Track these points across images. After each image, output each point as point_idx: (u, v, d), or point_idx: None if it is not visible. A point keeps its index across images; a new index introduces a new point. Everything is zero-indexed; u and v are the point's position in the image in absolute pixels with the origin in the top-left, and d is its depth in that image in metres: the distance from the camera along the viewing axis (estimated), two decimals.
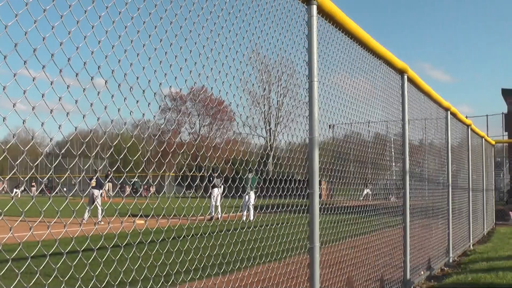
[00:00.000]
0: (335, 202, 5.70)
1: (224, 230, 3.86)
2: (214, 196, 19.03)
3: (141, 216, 3.13)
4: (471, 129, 13.88)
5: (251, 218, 18.39)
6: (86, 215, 17.84)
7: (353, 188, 6.38)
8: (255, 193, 18.34)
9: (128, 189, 49.12)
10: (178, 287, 3.80)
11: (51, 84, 2.50)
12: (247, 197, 18.29)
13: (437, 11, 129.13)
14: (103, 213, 17.61)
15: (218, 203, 19.27)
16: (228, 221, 4.41)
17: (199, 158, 3.93)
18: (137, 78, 3.04)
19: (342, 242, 5.50)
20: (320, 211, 4.45)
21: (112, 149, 3.03)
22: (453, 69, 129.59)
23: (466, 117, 15.18)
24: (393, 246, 6.98)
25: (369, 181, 6.99)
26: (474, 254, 11.34)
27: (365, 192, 6.70)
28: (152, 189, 52.88)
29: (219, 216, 18.74)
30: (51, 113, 2.49)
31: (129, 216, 2.94)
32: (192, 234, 3.64)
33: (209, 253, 3.84)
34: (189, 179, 3.76)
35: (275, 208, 4.58)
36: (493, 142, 19.99)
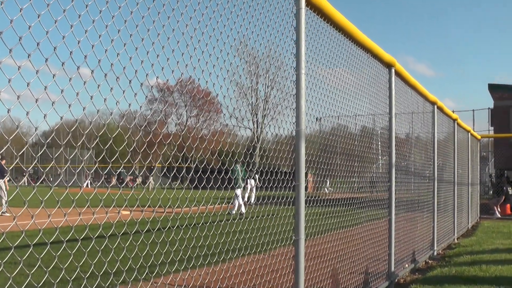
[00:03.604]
0: (321, 194, 5.73)
1: (209, 221, 3.88)
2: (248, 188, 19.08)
3: (126, 206, 3.14)
4: (458, 124, 13.99)
5: (237, 210, 18.40)
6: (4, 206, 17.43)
7: (339, 181, 6.42)
8: (248, 182, 18.36)
9: (114, 180, 48.92)
10: (163, 278, 3.82)
11: (36, 73, 2.49)
12: (238, 190, 18.28)
13: (421, 4, 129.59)
14: (7, 204, 17.26)
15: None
16: (213, 213, 4.42)
17: (185, 149, 3.94)
18: (124, 68, 3.04)
19: (327, 235, 5.54)
20: (305, 203, 4.48)
21: (97, 139, 3.03)
22: (437, 63, 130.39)
23: (453, 111, 15.30)
24: (378, 239, 7.04)
25: (356, 174, 7.02)
26: (459, 248, 11.47)
27: (327, 184, 6.72)
28: (138, 180, 52.72)
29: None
30: (36, 102, 2.48)
31: (114, 206, 2.94)
32: (177, 225, 3.65)
33: (194, 244, 3.85)
34: (174, 170, 3.77)
35: (260, 200, 4.60)
36: (479, 137, 20.16)
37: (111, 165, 3.18)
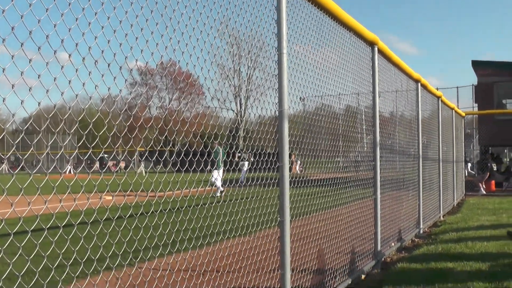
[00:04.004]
0: (305, 174, 5.76)
1: (193, 204, 3.89)
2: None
3: (108, 192, 3.14)
4: (442, 101, 14.10)
5: (218, 194, 18.56)
6: None
7: (324, 161, 6.46)
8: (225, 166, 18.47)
9: (96, 165, 48.68)
10: (147, 263, 3.84)
11: (12, 58, 2.47)
12: (215, 172, 18.41)
13: None
14: None
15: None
16: (197, 196, 4.43)
17: (166, 132, 3.93)
18: (102, 51, 3.02)
19: (313, 215, 5.59)
20: (290, 184, 4.51)
21: (77, 124, 3.01)
22: (420, 41, 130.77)
23: (437, 89, 15.41)
24: (364, 218, 7.11)
25: (340, 153, 7.07)
26: (445, 225, 11.63)
27: (298, 164, 6.75)
28: (123, 164, 52.51)
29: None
30: (12, 88, 2.46)
31: (96, 192, 2.94)
32: (161, 210, 3.66)
33: (178, 228, 3.87)
34: (156, 154, 3.77)
35: (244, 182, 4.62)
36: (463, 114, 20.35)
37: (91, 150, 3.17)
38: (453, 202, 16.50)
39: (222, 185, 18.72)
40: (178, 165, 3.84)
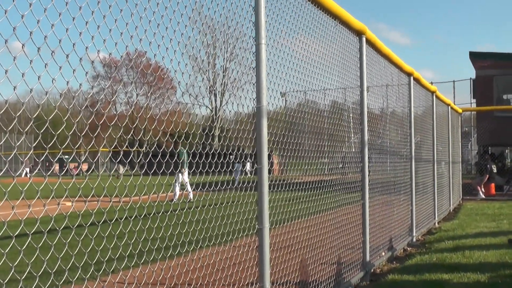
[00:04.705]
0: (287, 177, 5.79)
1: (162, 211, 3.90)
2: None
3: (67, 197, 3.13)
4: (436, 96, 14.25)
5: (191, 197, 18.77)
6: None
7: (307, 163, 6.50)
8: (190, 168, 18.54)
9: (54, 167, 48.21)
10: (111, 276, 3.83)
11: None
12: (180, 175, 18.50)
13: None
14: None
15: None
16: (166, 201, 4.44)
17: (132, 131, 3.94)
18: (60, 41, 3.01)
19: (295, 222, 5.62)
20: (270, 188, 4.54)
21: (33, 122, 3.00)
22: (412, 30, 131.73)
23: (431, 83, 15.57)
24: (351, 226, 7.16)
25: (325, 154, 7.12)
26: (440, 232, 11.74)
27: (247, 167, 6.78)
28: (85, 166, 52.15)
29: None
30: None
31: (53, 197, 2.93)
32: (126, 217, 3.66)
33: (146, 237, 3.88)
34: (121, 155, 3.76)
35: (218, 185, 4.63)
36: (460, 111, 20.58)
37: (49, 151, 3.16)
38: (449, 207, 16.68)
39: (186, 190, 18.91)
40: (146, 167, 3.84)
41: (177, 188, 19.41)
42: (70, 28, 3.07)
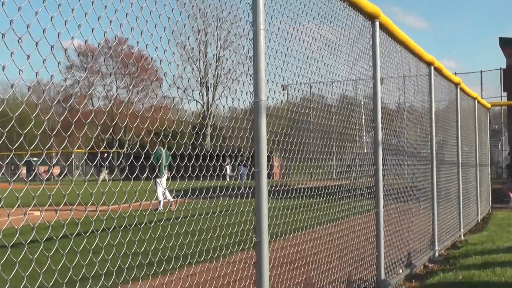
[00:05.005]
0: (290, 182, 5.80)
1: (144, 222, 3.90)
2: None
3: (35, 205, 3.13)
4: (461, 89, 14.25)
5: (160, 207, 18.89)
6: None
7: (313, 165, 6.51)
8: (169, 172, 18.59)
9: (21, 171, 48.19)
10: None
11: None
12: (158, 180, 18.53)
13: None
14: None
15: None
16: (150, 210, 4.44)
17: (111, 129, 3.94)
18: (28, 26, 3.00)
19: (298, 234, 5.62)
20: (270, 194, 4.55)
21: None
22: (431, 14, 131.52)
23: (455, 74, 15.57)
24: (364, 238, 7.16)
25: (333, 155, 7.13)
26: (466, 246, 11.69)
27: (228, 170, 6.76)
28: (56, 170, 52.12)
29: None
30: None
31: (19, 206, 2.93)
32: (103, 228, 3.66)
33: (126, 252, 3.87)
34: (98, 158, 3.75)
35: (210, 192, 4.63)
36: (489, 105, 20.57)
37: (14, 152, 3.16)
38: (476, 216, 16.63)
39: (165, 197, 19.03)
40: (127, 171, 3.84)
41: (161, 195, 19.50)
42: (40, 12, 3.07)
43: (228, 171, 39.36)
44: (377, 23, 7.58)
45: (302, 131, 5.91)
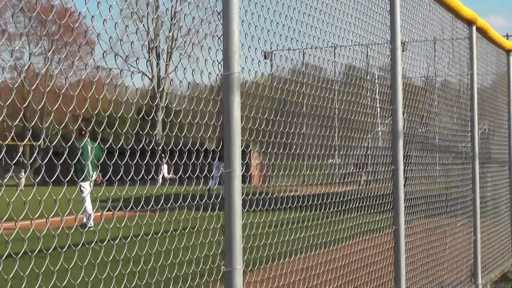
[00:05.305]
0: (274, 189, 5.82)
1: (67, 244, 3.89)
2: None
3: None
4: None
5: (90, 223, 18.73)
6: None
7: (307, 165, 6.52)
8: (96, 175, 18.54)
9: None
10: None
11: None
12: (86, 185, 18.45)
13: None
14: None
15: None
16: (76, 227, 4.43)
17: (22, 113, 3.93)
18: None
19: (285, 262, 5.64)
20: (245, 206, 4.57)
21: None
22: None
23: (506, 36, 15.61)
24: (377, 267, 7.20)
25: (335, 151, 7.15)
26: None
27: (163, 171, 6.68)
28: None
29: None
30: None
31: None
32: (10, 254, 3.65)
33: (40, 287, 3.87)
34: (2, 153, 3.73)
35: (161, 202, 4.63)
36: None
37: None
38: None
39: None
40: (43, 171, 3.83)
41: (90, 206, 19.25)
42: None
43: (165, 172, 39.16)
44: None
45: (292, 116, 5.93)
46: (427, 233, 8.78)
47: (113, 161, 4.25)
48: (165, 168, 37.31)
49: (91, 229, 16.83)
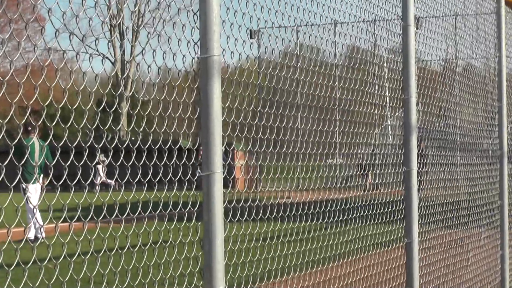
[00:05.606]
0: (263, 195, 5.85)
1: (15, 262, 3.90)
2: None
3: None
4: None
5: (39, 234, 18.56)
6: None
7: (302, 166, 6.54)
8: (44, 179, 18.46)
9: None
10: None
11: None
12: (32, 188, 18.38)
13: None
14: None
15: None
16: (25, 241, 4.45)
17: None
18: None
19: (276, 282, 5.66)
20: (228, 215, 4.59)
21: None
22: None
23: None
24: (386, 287, 7.22)
25: (336, 150, 7.17)
26: None
27: (99, 171, 6.65)
28: None
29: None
30: None
31: None
32: None
33: None
34: None
35: (127, 210, 4.65)
36: None
37: None
38: None
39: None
40: None
41: (31, 214, 19.06)
42: None
43: (101, 174, 38.96)
44: None
45: (284, 108, 5.95)
46: (446, 247, 8.81)
47: (69, 163, 4.25)
48: (100, 168, 37.18)
49: (43, 241, 16.71)
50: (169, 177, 4.80)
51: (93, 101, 4.63)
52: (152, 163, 4.74)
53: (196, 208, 4.52)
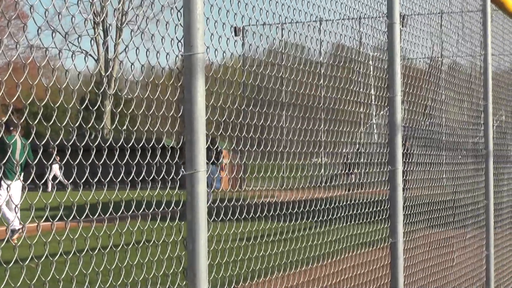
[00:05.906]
0: (247, 194, 5.84)
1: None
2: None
3: None
4: None
5: (14, 236, 18.48)
6: None
7: (288, 165, 6.54)
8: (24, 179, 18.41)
9: None
10: None
11: None
12: (4, 188, 18.30)
13: None
14: None
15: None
16: (6, 241, 4.44)
17: None
18: None
19: (261, 281, 5.66)
20: (212, 214, 4.57)
21: None
22: None
23: None
24: (371, 287, 7.23)
25: (320, 149, 7.17)
26: None
27: (55, 171, 6.57)
28: None
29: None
30: None
31: None
32: None
33: None
34: None
35: (110, 209, 4.64)
36: None
37: None
38: None
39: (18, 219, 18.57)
40: None
41: (9, 214, 18.93)
42: None
43: (57, 171, 38.85)
44: None
45: (268, 106, 5.95)
46: (431, 247, 8.82)
47: (52, 161, 4.25)
48: (56, 168, 36.99)
49: (14, 240, 16.59)
50: (152, 176, 4.80)
51: (76, 99, 4.61)
52: (135, 162, 4.72)
53: (179, 207, 4.51)
